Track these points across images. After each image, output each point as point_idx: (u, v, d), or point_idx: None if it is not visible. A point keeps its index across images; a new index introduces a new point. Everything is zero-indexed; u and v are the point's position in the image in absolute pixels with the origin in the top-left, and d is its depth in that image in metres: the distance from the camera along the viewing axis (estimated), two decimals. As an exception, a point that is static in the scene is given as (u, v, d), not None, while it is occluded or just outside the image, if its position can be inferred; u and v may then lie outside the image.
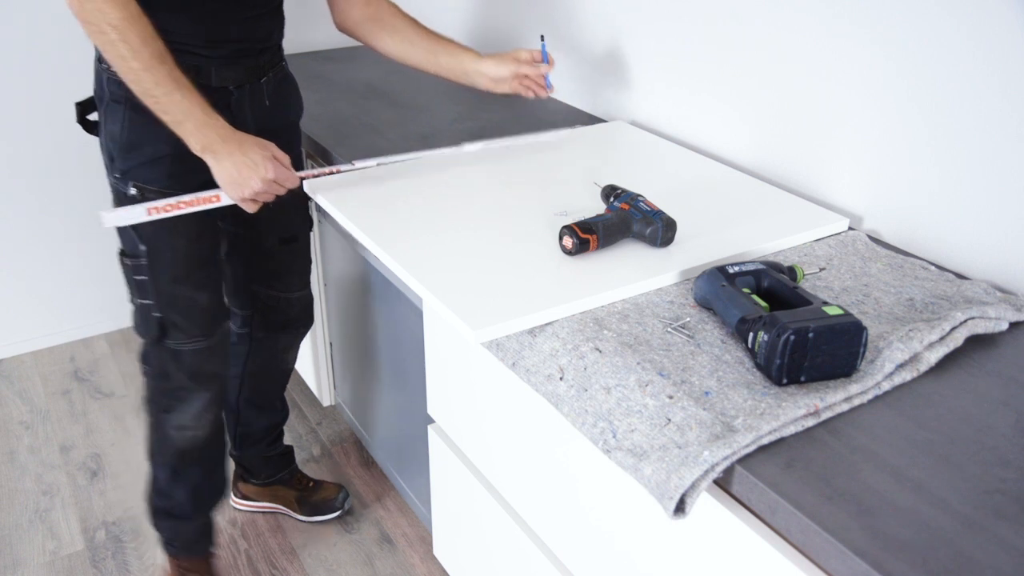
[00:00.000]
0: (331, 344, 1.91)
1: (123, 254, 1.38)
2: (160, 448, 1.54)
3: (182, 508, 1.59)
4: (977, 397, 0.88)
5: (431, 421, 1.38)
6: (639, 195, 1.20)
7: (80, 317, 2.49)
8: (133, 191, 1.32)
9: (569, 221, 1.21)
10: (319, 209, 1.75)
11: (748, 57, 1.41)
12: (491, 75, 1.43)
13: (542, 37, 1.49)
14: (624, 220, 1.15)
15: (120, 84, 1.22)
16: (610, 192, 1.24)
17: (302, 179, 1.29)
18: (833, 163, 1.31)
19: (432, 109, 1.80)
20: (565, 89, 1.87)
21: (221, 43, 1.30)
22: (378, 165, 1.37)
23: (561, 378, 0.94)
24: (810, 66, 1.31)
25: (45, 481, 1.96)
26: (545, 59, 1.42)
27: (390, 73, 2.07)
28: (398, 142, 1.60)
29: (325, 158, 1.58)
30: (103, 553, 1.77)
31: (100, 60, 1.30)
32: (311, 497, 1.86)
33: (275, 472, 1.85)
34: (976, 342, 0.97)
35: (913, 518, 0.71)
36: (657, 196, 1.28)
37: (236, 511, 1.88)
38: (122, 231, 1.35)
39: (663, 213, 1.15)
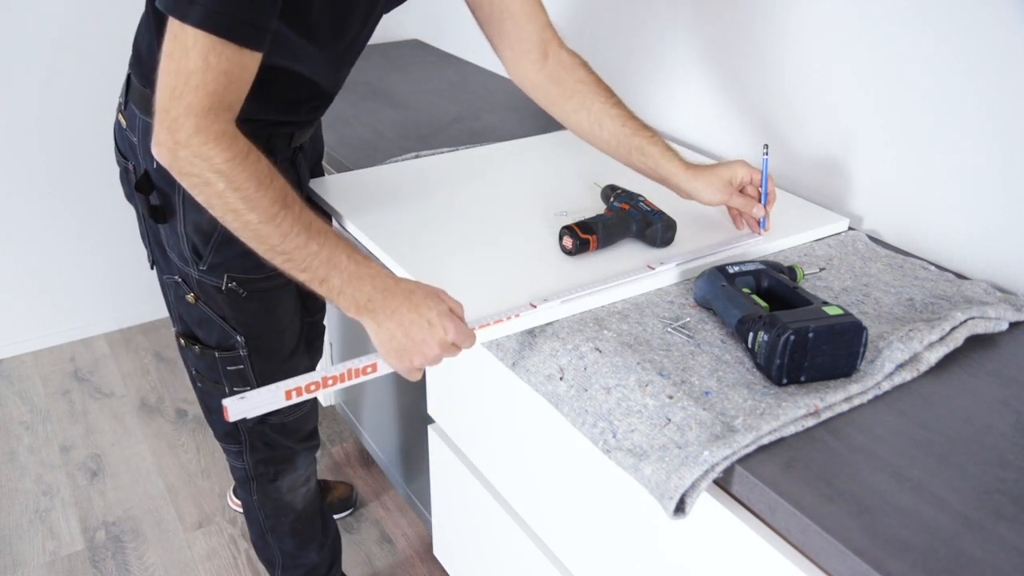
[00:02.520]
0: (331, 344, 1.91)
1: (205, 346, 1.23)
2: (277, 519, 1.44)
3: (318, 570, 1.53)
4: (977, 397, 0.88)
5: (431, 421, 1.38)
6: (639, 195, 1.20)
7: (80, 317, 2.49)
8: (231, 284, 1.16)
9: (569, 221, 1.21)
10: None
11: (748, 58, 1.41)
12: (696, 198, 1.15)
13: (765, 149, 1.14)
14: (624, 220, 1.15)
15: None
16: (610, 192, 1.24)
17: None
18: (833, 163, 1.31)
19: (432, 109, 1.80)
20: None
21: (319, 106, 1.19)
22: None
23: (561, 378, 0.94)
24: (810, 67, 1.31)
25: (45, 481, 1.96)
26: (765, 191, 1.13)
27: (390, 73, 2.07)
28: (398, 142, 1.60)
29: (325, 158, 1.58)
30: (103, 553, 1.77)
31: None
32: (327, 497, 1.85)
33: None
34: (976, 342, 0.97)
35: (913, 518, 0.71)
36: (657, 196, 1.28)
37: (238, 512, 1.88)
38: (204, 320, 1.21)
39: (663, 213, 1.15)
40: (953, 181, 1.15)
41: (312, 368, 1.45)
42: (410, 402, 1.55)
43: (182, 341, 1.26)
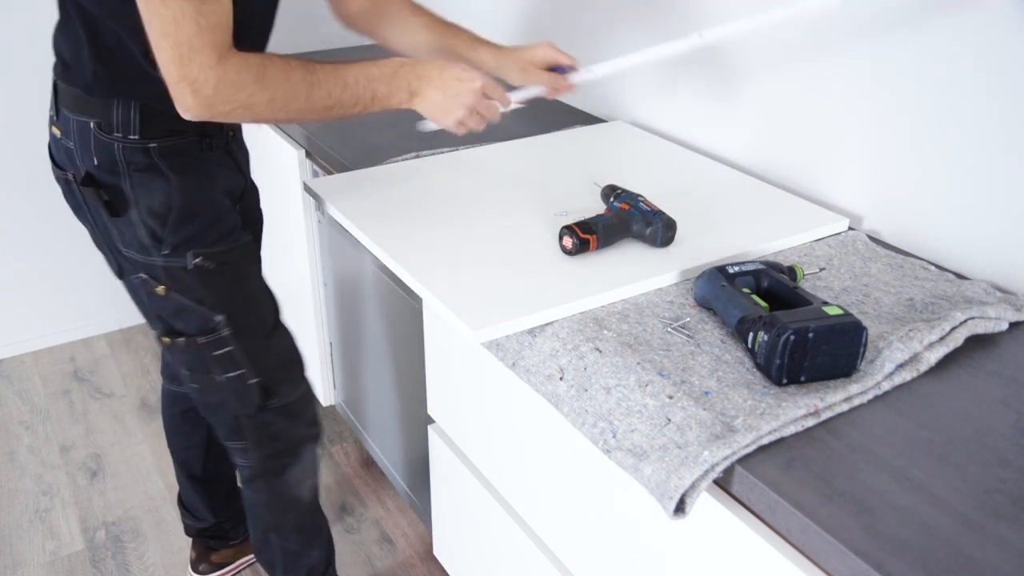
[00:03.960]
0: (331, 344, 1.91)
1: (187, 336, 1.21)
2: (283, 516, 1.42)
3: (317, 567, 1.51)
4: (977, 397, 0.88)
5: (431, 421, 1.38)
6: (639, 195, 1.20)
7: (80, 317, 2.49)
8: (197, 260, 1.16)
9: (569, 221, 1.21)
10: (319, 209, 1.75)
11: (748, 58, 1.41)
12: (503, 77, 1.26)
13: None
14: (624, 220, 1.15)
15: (146, 150, 1.10)
16: (610, 192, 1.24)
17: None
18: (833, 163, 1.31)
19: (432, 109, 1.80)
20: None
21: None
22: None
23: (561, 378, 0.94)
24: (810, 66, 1.31)
25: (45, 481, 1.96)
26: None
27: (390, 73, 2.07)
28: (398, 142, 1.60)
29: (324, 157, 1.58)
30: (103, 553, 1.77)
31: (101, 128, 1.10)
32: None
33: None
34: (976, 342, 0.97)
35: (913, 518, 0.71)
36: (657, 196, 1.28)
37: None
38: (180, 309, 1.19)
39: (663, 213, 1.15)
40: (953, 181, 1.15)
41: (290, 338, 1.37)
42: (410, 402, 1.55)
43: (165, 340, 1.24)
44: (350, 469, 2.02)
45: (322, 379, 1.99)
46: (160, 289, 1.19)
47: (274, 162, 1.80)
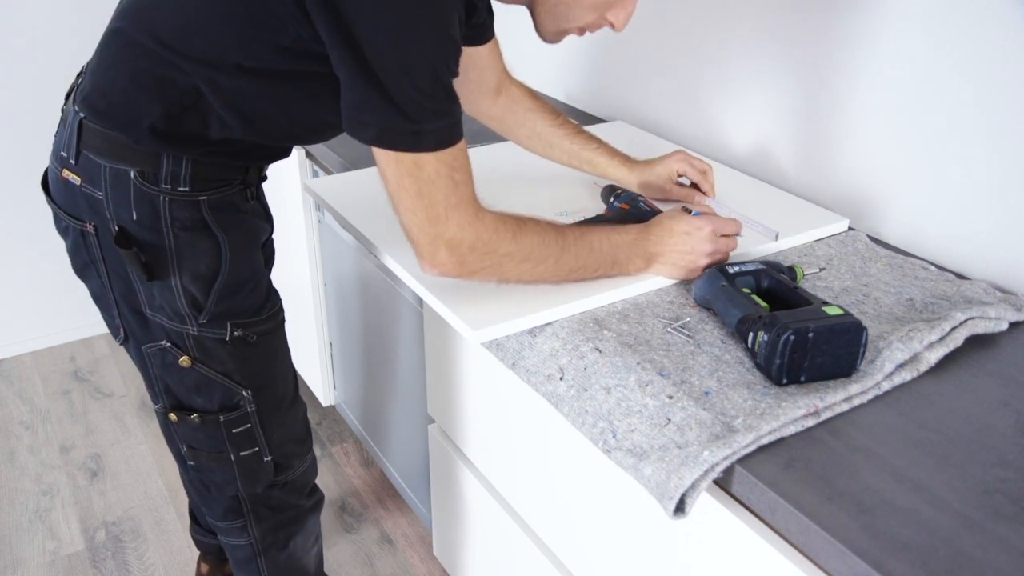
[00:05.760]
0: (331, 344, 1.91)
1: (204, 413, 1.12)
2: None
3: None
4: (977, 397, 0.88)
5: (431, 421, 1.38)
6: (639, 195, 1.20)
7: (80, 317, 2.49)
8: (237, 332, 1.08)
9: (569, 221, 1.21)
10: (319, 209, 1.75)
11: (748, 58, 1.41)
12: (638, 184, 1.26)
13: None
14: (624, 220, 1.15)
15: (195, 203, 1.00)
16: (610, 192, 1.24)
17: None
18: (833, 163, 1.31)
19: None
20: (566, 89, 1.86)
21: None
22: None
23: (561, 378, 0.94)
24: (810, 67, 1.31)
25: (45, 481, 1.96)
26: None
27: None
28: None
29: (324, 158, 1.58)
30: (103, 553, 1.77)
31: (144, 177, 0.98)
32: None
33: None
34: (976, 342, 0.97)
35: (913, 518, 0.71)
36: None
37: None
38: (202, 384, 1.10)
39: (662, 213, 1.15)
40: (953, 181, 1.15)
41: (304, 409, 1.30)
42: (410, 402, 1.55)
43: (172, 416, 1.14)
44: (350, 469, 2.02)
45: (322, 379, 1.99)
46: (183, 360, 1.08)
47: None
